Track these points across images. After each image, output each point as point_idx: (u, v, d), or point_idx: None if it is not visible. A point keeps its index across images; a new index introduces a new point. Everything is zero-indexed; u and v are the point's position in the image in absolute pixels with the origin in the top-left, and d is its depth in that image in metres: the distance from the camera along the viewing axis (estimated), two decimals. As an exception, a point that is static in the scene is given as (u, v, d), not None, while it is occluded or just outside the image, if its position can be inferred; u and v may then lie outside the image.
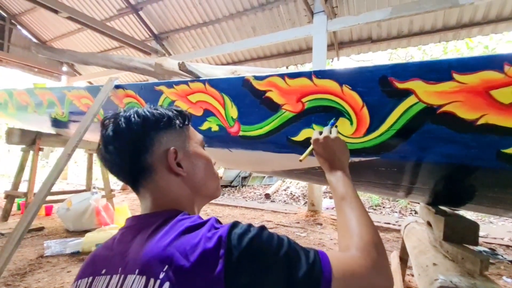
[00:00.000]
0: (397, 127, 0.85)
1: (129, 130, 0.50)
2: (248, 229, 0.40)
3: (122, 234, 0.49)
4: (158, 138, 0.51)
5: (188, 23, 5.36)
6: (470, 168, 0.84)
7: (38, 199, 1.46)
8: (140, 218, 0.50)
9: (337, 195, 0.62)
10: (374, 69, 0.85)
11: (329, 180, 0.68)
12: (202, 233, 0.40)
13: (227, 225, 0.41)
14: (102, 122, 0.53)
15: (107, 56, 3.15)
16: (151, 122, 0.51)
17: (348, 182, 0.65)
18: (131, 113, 0.52)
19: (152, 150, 0.51)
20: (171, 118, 0.54)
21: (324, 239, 2.83)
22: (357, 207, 0.57)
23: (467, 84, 0.72)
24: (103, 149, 0.51)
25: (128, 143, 0.50)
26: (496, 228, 3.32)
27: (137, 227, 0.47)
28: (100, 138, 0.52)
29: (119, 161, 0.51)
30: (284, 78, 1.03)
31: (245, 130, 1.22)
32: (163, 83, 1.50)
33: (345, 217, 0.56)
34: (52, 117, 2.56)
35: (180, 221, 0.44)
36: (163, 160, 0.51)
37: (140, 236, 0.45)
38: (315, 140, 0.74)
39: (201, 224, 0.42)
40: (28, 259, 2.03)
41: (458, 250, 0.89)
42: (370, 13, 3.61)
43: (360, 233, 0.51)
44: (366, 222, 0.54)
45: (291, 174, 1.57)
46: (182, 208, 0.50)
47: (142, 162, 0.50)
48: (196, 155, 0.56)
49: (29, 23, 6.96)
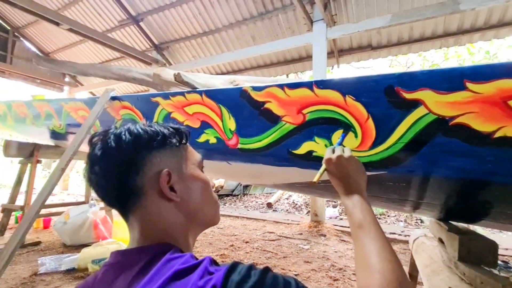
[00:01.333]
0: (406, 140, 0.79)
1: (119, 149, 0.45)
2: (248, 275, 0.34)
3: (103, 272, 0.43)
4: (150, 158, 0.46)
5: (188, 33, 5.39)
6: (487, 184, 0.78)
7: (29, 215, 1.40)
8: (125, 254, 0.44)
9: (354, 222, 0.56)
10: (379, 78, 0.80)
11: (345, 204, 0.62)
12: (193, 281, 0.33)
13: (223, 269, 0.35)
14: (90, 139, 0.48)
15: (106, 66, 3.14)
16: (144, 140, 0.46)
17: (367, 207, 0.58)
18: (122, 131, 0.47)
19: (143, 171, 0.45)
20: (166, 136, 0.49)
21: (328, 251, 2.74)
22: (378, 237, 0.51)
23: (482, 94, 0.67)
24: (89, 170, 0.46)
25: (116, 164, 0.45)
26: (507, 239, 3.20)
27: (120, 265, 0.42)
28: (87, 157, 0.47)
29: (105, 183, 0.45)
30: (283, 89, 0.98)
31: (244, 143, 1.17)
32: (159, 95, 1.46)
33: (363, 248, 0.50)
34: (50, 129, 2.53)
35: (169, 262, 0.38)
36: (154, 183, 0.45)
37: (123, 277, 0.39)
38: (328, 159, 0.68)
39: (193, 268, 0.36)
40: (21, 277, 1.95)
41: (477, 273, 0.82)
42: (369, 21, 3.60)
43: (383, 270, 0.44)
44: (388, 256, 0.47)
45: (292, 187, 1.51)
46: (174, 239, 0.45)
47: (131, 185, 0.45)
48: (192, 178, 0.51)
49: (32, 36, 7.05)
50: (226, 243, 2.94)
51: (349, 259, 2.53)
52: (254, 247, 2.83)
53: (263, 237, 3.27)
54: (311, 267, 2.29)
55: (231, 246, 2.86)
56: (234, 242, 3.00)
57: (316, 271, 2.21)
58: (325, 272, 2.18)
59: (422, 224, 4.02)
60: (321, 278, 2.07)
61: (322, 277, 2.08)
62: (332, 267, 2.29)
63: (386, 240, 0.51)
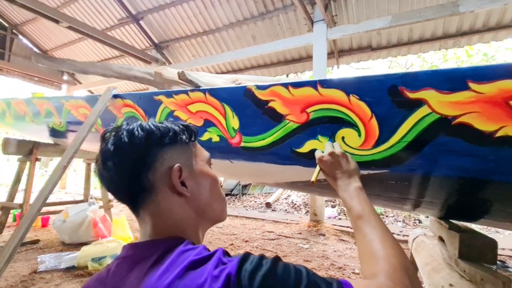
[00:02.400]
0: (409, 139, 0.80)
1: (132, 145, 0.46)
2: (260, 263, 0.35)
3: (117, 265, 0.44)
4: (162, 154, 0.47)
5: (188, 32, 5.38)
6: (487, 182, 0.79)
7: (31, 214, 1.40)
8: (138, 247, 0.44)
9: (353, 214, 0.57)
10: (383, 78, 0.81)
11: (342, 197, 0.63)
12: (208, 270, 0.34)
13: (236, 259, 0.36)
14: (103, 135, 0.49)
15: (106, 65, 3.14)
16: (156, 136, 0.47)
17: (363, 197, 0.60)
18: (134, 127, 0.48)
19: (155, 167, 0.46)
20: (177, 133, 0.50)
21: (328, 250, 2.75)
22: (378, 226, 0.52)
23: (484, 94, 0.68)
24: (101, 165, 0.47)
25: (129, 159, 0.45)
26: (504, 239, 3.24)
27: (134, 258, 0.42)
28: (99, 153, 0.48)
29: (117, 179, 0.46)
30: (288, 88, 0.99)
31: (247, 141, 1.17)
32: (162, 93, 1.46)
33: (365, 238, 0.51)
34: (50, 127, 2.52)
35: (183, 253, 0.39)
36: (166, 178, 0.46)
37: (138, 269, 0.39)
38: (319, 158, 0.71)
39: (207, 258, 0.37)
40: (21, 275, 1.95)
41: (477, 270, 0.83)
42: (370, 22, 3.61)
43: (387, 256, 0.45)
44: (391, 242, 0.48)
45: (294, 186, 1.52)
46: (185, 234, 0.46)
47: (143, 181, 0.46)
48: (202, 174, 0.52)
49: (30, 33, 7.01)
50: (226, 242, 2.95)
51: (348, 258, 2.55)
52: (254, 246, 2.84)
53: (263, 236, 3.28)
54: (311, 265, 2.31)
55: (230, 245, 2.87)
56: (234, 241, 3.00)
57: (315, 269, 2.22)
58: (324, 271, 2.20)
59: (420, 225, 4.05)
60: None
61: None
62: (332, 266, 2.30)
63: (386, 227, 0.52)
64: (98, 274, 0.45)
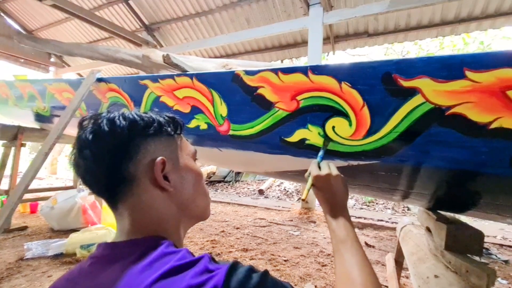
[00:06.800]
0: (401, 130, 0.77)
1: (112, 133, 0.42)
2: (249, 276, 0.34)
3: (90, 264, 0.41)
4: (145, 145, 0.44)
5: (180, 13, 5.17)
6: (478, 175, 0.77)
7: (11, 202, 1.35)
8: (115, 246, 0.41)
9: (337, 238, 0.58)
10: (376, 65, 0.76)
11: (328, 220, 0.64)
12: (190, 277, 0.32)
13: (223, 269, 0.33)
14: (80, 122, 0.45)
15: (93, 47, 2.99)
16: (139, 126, 0.45)
17: (349, 225, 0.61)
18: (116, 115, 0.44)
19: (137, 158, 0.43)
20: (162, 124, 0.48)
21: (318, 237, 2.79)
22: (358, 253, 0.54)
23: (481, 83, 0.65)
24: (77, 154, 0.43)
25: (109, 148, 0.42)
26: (488, 226, 3.33)
27: (110, 257, 0.39)
28: (75, 141, 0.44)
29: (95, 169, 0.43)
30: (277, 74, 0.94)
31: (236, 129, 1.13)
32: (148, 77, 1.39)
33: (345, 263, 0.52)
34: (35, 111, 2.42)
35: (165, 256, 0.36)
36: (148, 171, 0.44)
37: (113, 269, 0.37)
38: (316, 176, 0.69)
39: (190, 264, 0.34)
40: (7, 263, 1.92)
41: (462, 262, 0.83)
42: (367, 6, 3.51)
43: (365, 283, 0.47)
44: (369, 270, 0.50)
45: (284, 176, 1.50)
46: (165, 232, 0.43)
47: (123, 172, 0.42)
48: (186, 168, 0.49)
49: (13, 11, 6.64)
50: (217, 229, 2.96)
51: (338, 245, 2.58)
52: (245, 233, 2.86)
53: (254, 223, 3.31)
54: (300, 252, 2.34)
55: (222, 232, 2.88)
56: (225, 228, 3.02)
57: (305, 256, 2.25)
58: (313, 258, 2.23)
59: (409, 212, 4.13)
60: (310, 263, 2.11)
61: (310, 263, 2.12)
62: (321, 253, 2.34)
63: (365, 255, 0.54)
64: (69, 273, 0.42)
